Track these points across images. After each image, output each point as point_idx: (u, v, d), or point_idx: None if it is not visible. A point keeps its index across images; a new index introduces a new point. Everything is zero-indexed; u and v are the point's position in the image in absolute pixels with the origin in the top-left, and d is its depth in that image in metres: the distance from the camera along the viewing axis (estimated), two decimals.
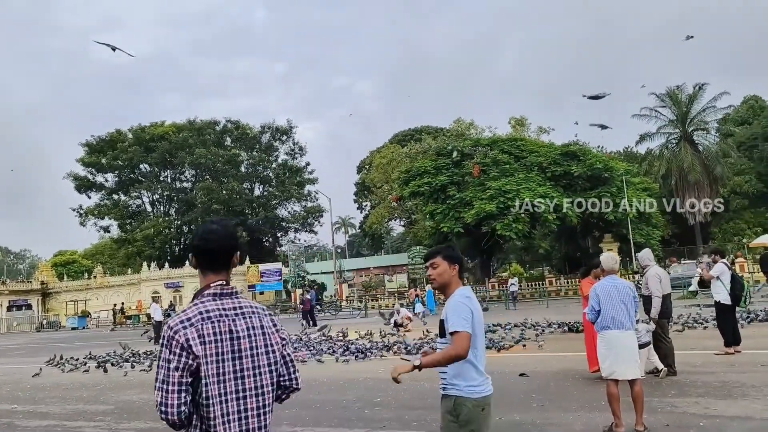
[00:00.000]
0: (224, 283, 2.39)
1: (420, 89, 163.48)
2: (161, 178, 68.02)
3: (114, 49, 31.08)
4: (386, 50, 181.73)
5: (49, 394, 11.25)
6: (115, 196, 68.06)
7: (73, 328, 47.58)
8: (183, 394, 2.19)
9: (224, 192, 61.87)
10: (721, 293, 9.81)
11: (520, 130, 58.29)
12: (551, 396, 7.77)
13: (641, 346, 6.44)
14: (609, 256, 6.09)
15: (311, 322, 26.07)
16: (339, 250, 64.69)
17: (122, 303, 51.06)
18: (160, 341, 2.26)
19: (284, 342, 2.47)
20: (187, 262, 55.79)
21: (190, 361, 2.19)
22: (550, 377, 9.15)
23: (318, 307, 34.12)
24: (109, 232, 70.30)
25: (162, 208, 69.00)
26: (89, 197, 68.35)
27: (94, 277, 61.55)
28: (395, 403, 8.04)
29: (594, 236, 47.07)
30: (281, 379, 2.43)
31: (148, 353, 16.53)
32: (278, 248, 70.87)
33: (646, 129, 54.69)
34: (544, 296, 35.96)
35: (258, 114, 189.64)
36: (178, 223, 67.39)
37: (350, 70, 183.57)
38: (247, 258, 57.36)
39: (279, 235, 71.78)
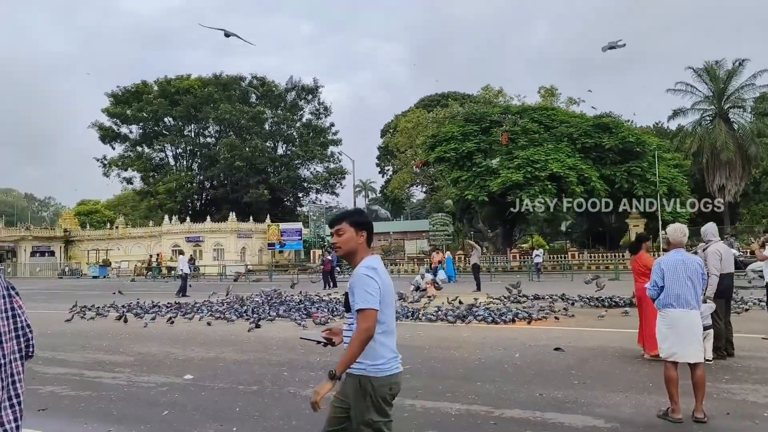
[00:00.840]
0: None
1: (447, 55, 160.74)
2: (185, 132, 67.83)
3: (228, 35, 29.22)
4: (414, 14, 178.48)
5: (69, 341, 11.09)
6: (139, 148, 68.13)
7: (94, 277, 48.10)
8: None
9: (247, 149, 61.57)
10: None
11: (550, 100, 57.00)
12: (592, 374, 7.34)
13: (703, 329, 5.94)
14: (677, 228, 5.55)
15: (331, 283, 25.91)
16: None
17: (158, 254, 51.32)
18: None
19: (23, 309, 2.21)
20: (208, 218, 56.22)
21: None
22: (587, 353, 8.71)
23: (338, 268, 33.92)
24: (132, 183, 70.60)
25: (185, 162, 69.03)
26: (113, 148, 68.58)
27: (116, 227, 62.14)
28: (425, 372, 7.67)
29: (619, 211, 46.14)
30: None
31: (170, 305, 16.40)
32: (299, 208, 70.82)
33: (679, 104, 53.28)
34: (566, 269, 35.46)
35: (282, 74, 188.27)
36: (201, 178, 67.52)
37: (377, 33, 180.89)
38: (268, 216, 57.36)
39: (300, 195, 71.65)
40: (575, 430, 5.17)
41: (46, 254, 58.80)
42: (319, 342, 3.33)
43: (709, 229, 8.04)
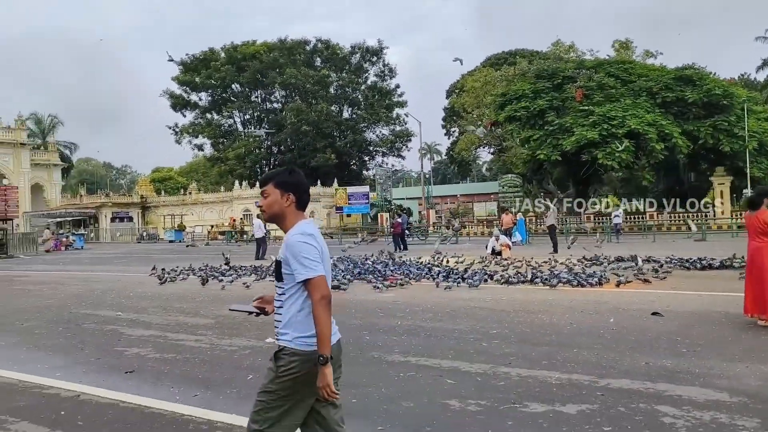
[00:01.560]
0: None
1: (513, 11, 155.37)
2: (252, 99, 68.51)
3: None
4: None
5: (150, 304, 11.24)
6: (209, 115, 69.42)
7: (170, 241, 49.73)
8: None
9: (313, 113, 61.57)
10: None
11: (625, 53, 54.10)
12: (700, 341, 6.72)
13: None
14: None
15: (402, 246, 25.67)
16: (426, 176, 63.79)
17: (240, 218, 52.52)
18: None
19: None
20: None
21: None
22: (689, 318, 8.05)
23: (407, 231, 33.66)
24: (202, 150, 72.28)
25: (253, 128, 69.89)
26: (184, 116, 70.16)
27: (189, 193, 63.95)
28: (515, 337, 7.25)
29: (700, 169, 43.77)
30: None
31: (243, 268, 16.53)
32: (365, 172, 70.75)
33: None
34: (645, 230, 33.99)
35: (343, 39, 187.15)
36: (268, 143, 68.24)
37: None
38: (335, 180, 57.55)
39: (366, 159, 71.43)
40: (696, 404, 4.63)
41: (125, 219, 61.26)
42: (250, 312, 3.07)
43: None
